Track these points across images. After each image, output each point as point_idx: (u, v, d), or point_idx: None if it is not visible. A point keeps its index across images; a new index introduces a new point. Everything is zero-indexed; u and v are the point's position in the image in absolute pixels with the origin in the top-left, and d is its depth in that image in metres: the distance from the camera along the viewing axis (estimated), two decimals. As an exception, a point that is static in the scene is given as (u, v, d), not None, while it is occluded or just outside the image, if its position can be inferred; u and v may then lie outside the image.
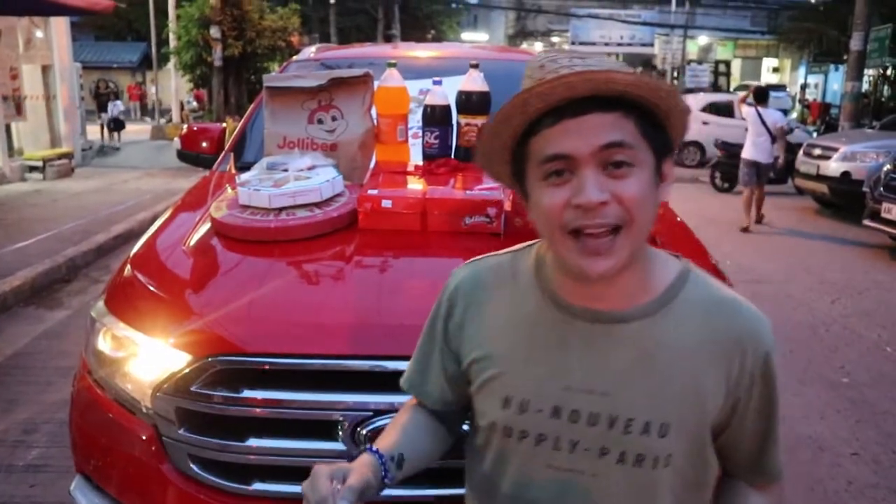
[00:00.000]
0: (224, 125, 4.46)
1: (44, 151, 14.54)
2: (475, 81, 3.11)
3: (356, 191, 2.81)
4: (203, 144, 4.16)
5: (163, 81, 28.38)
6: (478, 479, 1.39)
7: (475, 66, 3.17)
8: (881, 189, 9.31)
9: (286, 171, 2.87)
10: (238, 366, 2.06)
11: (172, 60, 22.14)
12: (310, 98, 3.19)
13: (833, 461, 4.05)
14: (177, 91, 26.30)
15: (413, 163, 3.14)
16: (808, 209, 12.81)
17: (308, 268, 2.57)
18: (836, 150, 11.94)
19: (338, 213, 2.68)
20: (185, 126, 4.81)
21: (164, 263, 2.66)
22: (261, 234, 2.60)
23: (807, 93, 36.78)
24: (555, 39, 42.57)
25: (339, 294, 2.34)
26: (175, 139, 5.74)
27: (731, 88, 35.95)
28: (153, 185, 13.37)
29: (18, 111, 13.84)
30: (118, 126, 21.45)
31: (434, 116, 3.11)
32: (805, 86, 37.63)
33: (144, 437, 2.15)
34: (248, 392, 2.04)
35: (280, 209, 2.68)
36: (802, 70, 39.15)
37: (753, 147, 10.99)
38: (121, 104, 22.91)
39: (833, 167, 11.81)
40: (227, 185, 3.23)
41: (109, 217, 9.96)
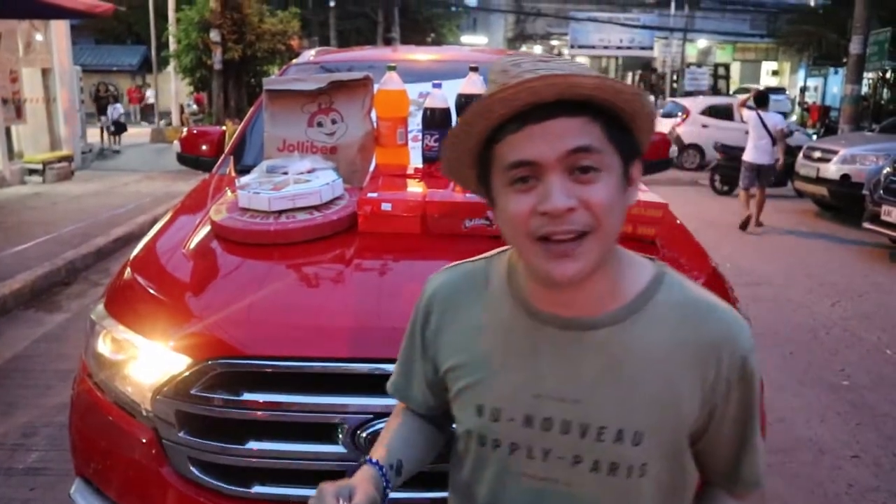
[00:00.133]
0: (224, 128, 4.46)
1: (43, 154, 14.55)
2: (475, 84, 3.11)
3: (356, 194, 2.81)
4: (203, 147, 4.15)
5: (163, 85, 28.40)
6: (458, 486, 1.39)
7: (475, 70, 3.17)
8: (881, 192, 9.31)
9: (286, 175, 2.87)
10: (238, 369, 2.06)
11: (172, 64, 22.19)
12: (310, 101, 3.19)
13: (833, 464, 4.05)
14: (176, 94, 26.32)
15: (413, 166, 3.14)
16: (808, 212, 12.81)
17: (308, 271, 2.57)
18: (836, 153, 11.95)
19: (337, 216, 2.68)
20: (185, 129, 4.81)
21: (164, 266, 2.66)
22: (260, 238, 2.60)
23: (806, 96, 36.77)
24: (554, 43, 42.61)
25: (339, 297, 2.33)
26: (175, 142, 5.74)
27: (731, 91, 35.97)
28: (153, 189, 13.37)
29: (18, 114, 13.86)
30: (119, 129, 21.46)
31: (434, 119, 3.11)
32: (804, 89, 37.62)
33: (144, 440, 2.15)
34: (248, 395, 2.03)
35: (280, 212, 2.68)
36: (802, 73, 39.14)
37: (755, 150, 11.05)
38: (121, 107, 22.88)
39: (833, 170, 11.81)
40: (227, 189, 3.23)
41: (109, 220, 9.96)
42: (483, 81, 3.11)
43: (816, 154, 12.38)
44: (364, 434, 1.94)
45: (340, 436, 1.98)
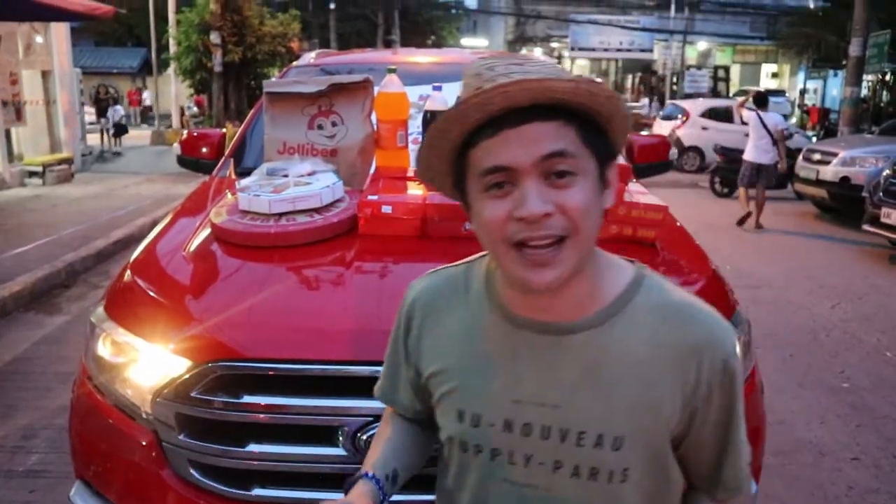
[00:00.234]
0: (224, 130, 4.46)
1: (44, 157, 14.54)
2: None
3: (356, 196, 2.81)
4: (203, 150, 4.16)
5: (163, 87, 28.41)
6: (443, 491, 1.38)
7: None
8: (880, 194, 9.31)
9: (286, 177, 2.88)
10: (238, 371, 2.06)
11: (172, 66, 22.19)
12: (310, 104, 3.19)
13: (834, 466, 4.05)
14: (177, 96, 26.33)
15: (413, 168, 3.14)
16: (808, 214, 12.81)
17: (308, 273, 2.57)
18: (836, 156, 11.95)
19: (338, 219, 2.68)
20: (186, 132, 4.82)
21: (164, 269, 2.66)
22: (261, 240, 2.60)
23: (806, 98, 36.81)
24: (554, 45, 42.62)
25: (340, 299, 2.34)
26: (175, 144, 5.74)
27: (731, 94, 35.99)
28: (153, 191, 13.37)
29: (18, 116, 13.86)
30: (121, 131, 21.44)
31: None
32: (804, 91, 37.66)
33: (144, 443, 2.15)
34: (249, 397, 2.04)
35: (280, 215, 2.68)
36: (801, 75, 39.16)
37: (755, 149, 11.32)
38: (121, 109, 22.87)
39: (832, 172, 11.81)
40: (227, 191, 3.23)
41: (109, 222, 9.96)
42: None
43: (816, 156, 12.39)
44: (364, 437, 1.94)
45: (341, 438, 1.98)
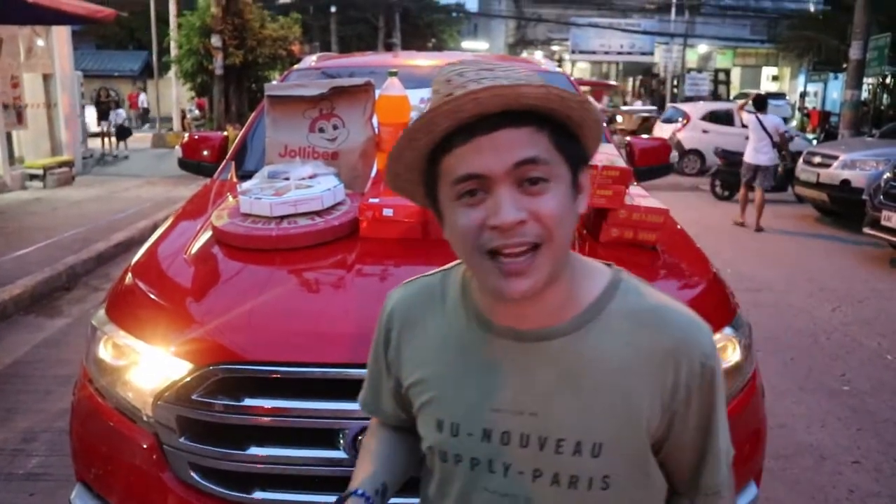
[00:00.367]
0: (225, 133, 4.47)
1: (44, 160, 14.56)
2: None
3: (357, 199, 2.82)
4: (204, 153, 4.16)
5: (164, 90, 28.44)
6: (427, 500, 1.37)
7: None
8: (881, 197, 9.30)
9: (287, 180, 2.88)
10: (239, 374, 2.06)
11: (173, 69, 22.20)
12: (311, 107, 3.20)
13: (834, 469, 4.04)
14: (178, 99, 26.35)
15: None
16: (809, 217, 12.81)
17: (309, 276, 2.58)
18: (836, 159, 11.95)
19: (339, 222, 2.68)
20: (187, 134, 4.82)
21: (166, 272, 2.66)
22: (262, 243, 2.60)
23: (806, 101, 36.78)
24: (555, 48, 42.62)
25: (341, 302, 2.34)
26: (176, 147, 5.75)
27: (731, 97, 36.01)
28: (154, 194, 13.38)
29: (19, 119, 13.86)
30: (124, 134, 21.41)
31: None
32: (804, 94, 37.62)
33: (145, 446, 2.15)
34: (250, 400, 2.04)
35: (281, 217, 2.68)
36: (802, 78, 39.12)
37: (755, 152, 11.57)
38: (123, 112, 22.83)
39: (833, 175, 11.81)
40: (229, 194, 3.24)
41: (110, 225, 9.96)
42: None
43: (817, 159, 12.39)
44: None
45: (342, 441, 1.99)
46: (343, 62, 4.89)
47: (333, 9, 36.09)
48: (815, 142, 20.54)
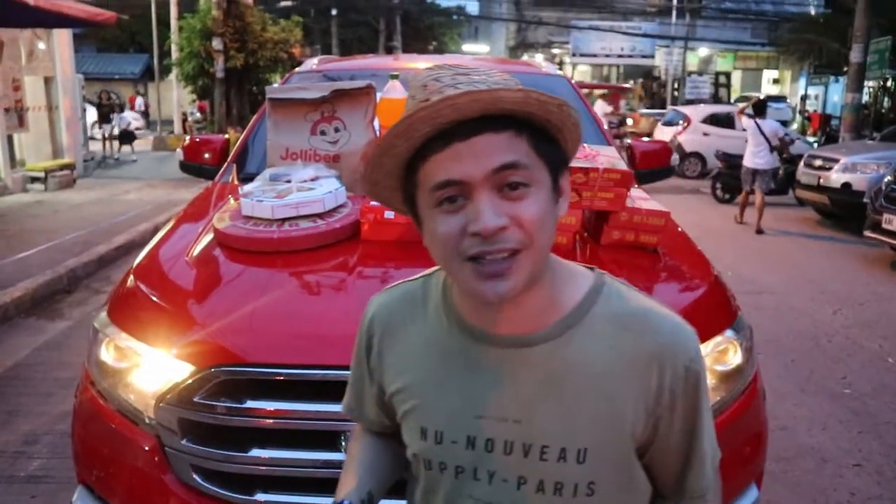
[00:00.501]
0: (226, 136, 4.47)
1: (46, 162, 14.55)
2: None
3: (359, 202, 2.82)
4: (206, 155, 4.16)
5: (165, 93, 28.44)
6: None
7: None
8: (882, 200, 9.30)
9: (289, 182, 2.89)
10: (241, 376, 2.06)
11: (174, 72, 22.20)
12: (313, 109, 3.20)
13: (836, 472, 4.04)
14: (178, 102, 26.37)
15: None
16: (810, 220, 12.81)
17: (311, 278, 2.58)
18: (837, 162, 11.96)
19: (340, 224, 2.69)
20: (188, 137, 4.82)
21: (167, 274, 2.67)
22: (264, 245, 2.61)
23: (807, 104, 36.79)
24: (555, 51, 42.65)
25: (342, 305, 2.34)
26: (177, 150, 5.75)
27: (732, 100, 36.01)
28: (155, 196, 13.38)
29: (21, 122, 13.86)
30: (128, 138, 21.36)
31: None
32: (805, 97, 37.63)
33: (147, 448, 2.15)
34: (252, 402, 2.04)
35: (283, 220, 2.69)
36: (803, 81, 39.13)
37: (752, 156, 11.80)
38: (128, 116, 22.76)
39: (834, 178, 11.82)
40: (230, 196, 3.24)
41: (111, 228, 9.96)
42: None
43: (817, 162, 12.39)
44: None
45: (343, 443, 1.99)
46: (344, 65, 4.90)
47: (334, 12, 36.14)
48: (816, 145, 20.55)
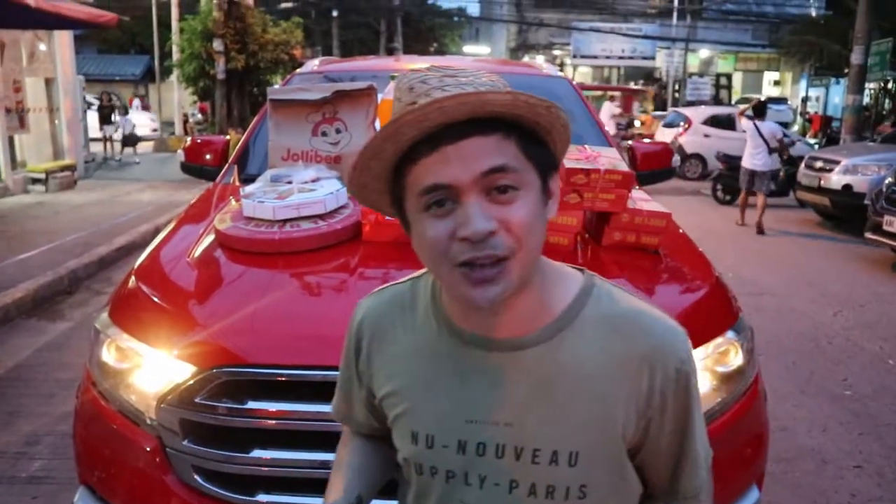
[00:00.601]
0: (227, 137, 4.48)
1: (46, 164, 14.56)
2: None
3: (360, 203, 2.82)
4: (207, 157, 4.16)
5: (166, 94, 28.47)
6: None
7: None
8: (883, 202, 9.30)
9: (290, 184, 2.89)
10: (243, 377, 2.06)
11: (175, 73, 22.21)
12: (314, 110, 3.21)
13: (836, 474, 4.04)
14: (179, 104, 26.40)
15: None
16: (810, 221, 12.81)
17: (312, 279, 2.58)
18: (838, 163, 11.97)
19: (342, 225, 2.69)
20: (189, 139, 4.83)
21: (169, 275, 2.67)
22: (265, 246, 2.61)
23: (808, 106, 36.79)
24: (556, 53, 42.65)
25: (344, 305, 2.32)
26: (179, 151, 5.76)
27: (733, 102, 36.00)
28: (155, 197, 13.39)
29: (21, 124, 13.87)
30: (131, 141, 21.34)
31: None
32: (806, 99, 37.62)
33: (148, 449, 2.15)
34: (253, 403, 2.04)
35: (284, 221, 2.69)
36: (804, 83, 39.10)
37: (751, 157, 11.87)
38: (132, 119, 22.70)
39: (835, 180, 11.83)
40: (231, 197, 3.24)
41: (111, 229, 9.97)
42: None
43: (818, 164, 12.40)
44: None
45: (344, 444, 1.99)
46: (345, 66, 4.90)
47: (335, 13, 36.15)
48: (817, 147, 20.55)
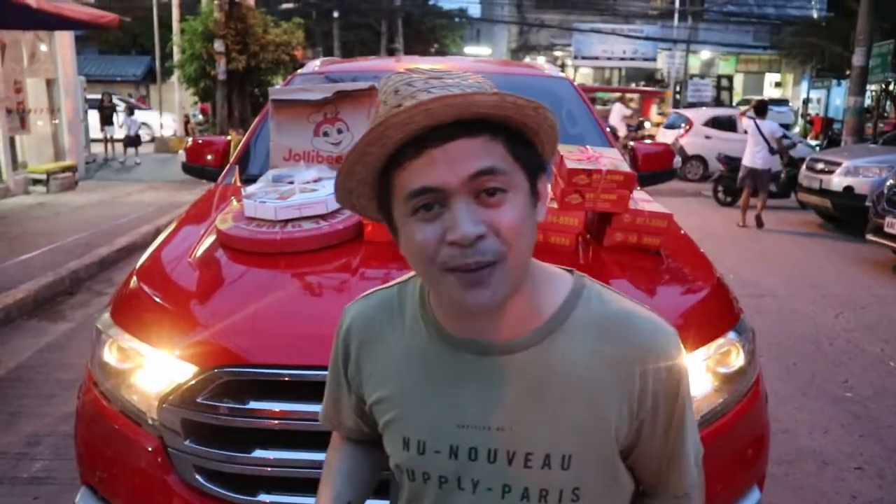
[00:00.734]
0: (229, 138, 4.48)
1: (47, 164, 14.57)
2: None
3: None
4: (208, 157, 4.17)
5: (166, 95, 28.48)
6: None
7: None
8: (884, 204, 9.30)
9: (292, 184, 2.89)
10: (244, 377, 2.07)
11: (176, 74, 22.22)
12: (315, 111, 3.21)
13: (837, 475, 4.04)
14: (180, 104, 26.41)
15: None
16: (811, 223, 12.81)
17: (314, 279, 2.58)
18: (839, 165, 11.97)
19: (343, 226, 2.69)
20: (190, 139, 4.84)
21: (170, 275, 2.67)
22: (267, 246, 2.61)
23: (809, 108, 36.78)
24: (557, 54, 42.66)
25: (345, 305, 2.34)
26: (180, 152, 5.76)
27: (734, 103, 35.98)
28: (156, 198, 13.39)
29: (23, 124, 13.88)
30: (133, 142, 21.34)
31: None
32: (807, 101, 37.61)
33: (150, 449, 2.16)
34: (254, 403, 2.04)
35: (286, 221, 2.69)
36: (805, 85, 39.06)
37: (751, 155, 12.10)
38: (138, 120, 22.64)
39: (836, 182, 11.83)
40: (233, 198, 3.25)
41: (112, 230, 9.97)
42: None
43: (820, 166, 12.40)
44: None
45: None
46: (347, 67, 4.90)
47: (336, 14, 36.16)
48: (818, 148, 20.55)
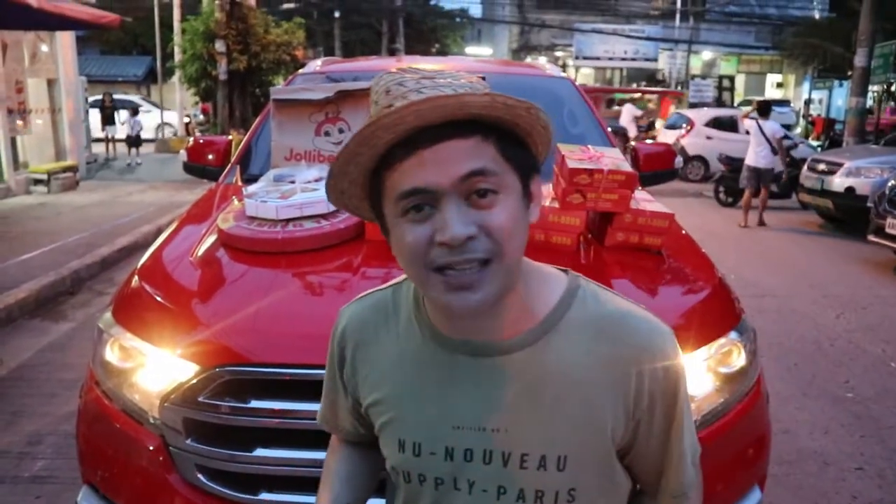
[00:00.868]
0: (230, 138, 4.49)
1: (49, 165, 14.58)
2: None
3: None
4: (209, 157, 4.17)
5: (167, 95, 28.49)
6: None
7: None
8: (885, 204, 9.29)
9: (293, 183, 2.90)
10: (245, 376, 2.07)
11: (177, 74, 22.23)
12: (317, 110, 3.21)
13: (838, 476, 4.04)
14: (181, 105, 26.42)
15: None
16: (813, 224, 12.81)
17: (315, 279, 2.59)
18: (841, 166, 11.96)
19: (345, 225, 2.69)
20: (191, 139, 4.85)
21: (172, 274, 2.67)
22: (268, 246, 2.61)
23: (811, 108, 36.74)
24: (558, 54, 42.66)
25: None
26: (181, 152, 5.76)
27: (735, 104, 35.96)
28: (157, 198, 13.40)
29: (24, 124, 13.89)
30: (137, 142, 21.33)
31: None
32: (809, 101, 37.57)
33: (152, 448, 2.16)
34: (256, 402, 2.05)
35: (287, 220, 2.69)
36: (806, 85, 38.97)
37: (754, 155, 12.24)
38: (140, 120, 22.61)
39: (837, 182, 11.82)
40: (234, 197, 3.25)
41: (114, 230, 9.98)
42: None
43: (821, 166, 12.40)
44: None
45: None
46: (348, 66, 4.90)
47: (337, 14, 36.16)
48: (820, 149, 20.53)
